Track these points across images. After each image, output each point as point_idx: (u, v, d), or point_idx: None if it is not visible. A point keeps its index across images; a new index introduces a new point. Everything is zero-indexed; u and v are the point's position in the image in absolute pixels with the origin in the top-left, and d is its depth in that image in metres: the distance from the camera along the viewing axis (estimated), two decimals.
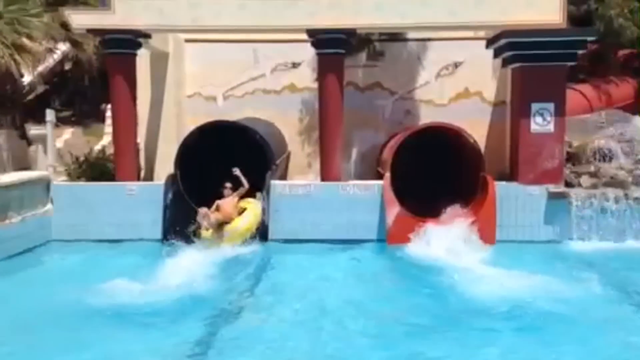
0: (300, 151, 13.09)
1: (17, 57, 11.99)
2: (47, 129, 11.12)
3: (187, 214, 9.86)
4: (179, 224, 9.81)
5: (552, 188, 9.95)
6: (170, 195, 10.14)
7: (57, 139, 12.32)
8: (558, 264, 8.25)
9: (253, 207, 9.90)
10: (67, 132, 14.54)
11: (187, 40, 12.74)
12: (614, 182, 9.94)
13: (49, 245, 9.96)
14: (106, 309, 6.50)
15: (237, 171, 9.57)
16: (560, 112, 10.17)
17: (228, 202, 9.44)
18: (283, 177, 12.18)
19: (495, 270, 7.91)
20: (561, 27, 9.98)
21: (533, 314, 6.28)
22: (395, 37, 12.72)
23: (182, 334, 5.96)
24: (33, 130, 13.74)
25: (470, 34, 12.12)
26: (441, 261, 8.45)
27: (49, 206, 10.26)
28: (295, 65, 12.98)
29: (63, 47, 15.57)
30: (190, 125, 11.30)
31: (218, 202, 9.46)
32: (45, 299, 6.86)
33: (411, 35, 12.65)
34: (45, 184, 10.27)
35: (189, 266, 8.10)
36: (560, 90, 10.25)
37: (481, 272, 7.86)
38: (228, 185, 9.51)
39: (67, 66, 17.59)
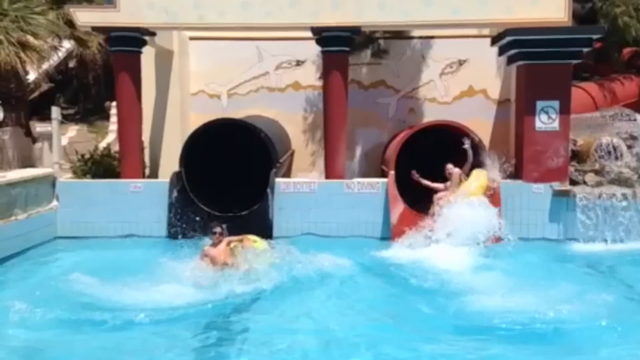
0: (304, 149, 13.11)
1: (22, 54, 12.02)
2: (52, 127, 11.14)
3: (192, 211, 9.90)
4: (184, 222, 9.87)
5: (557, 186, 9.93)
6: (175, 193, 10.16)
7: (62, 136, 12.34)
8: (563, 263, 8.18)
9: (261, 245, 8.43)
10: (72, 130, 14.61)
11: (192, 38, 12.77)
12: (619, 180, 9.91)
13: (55, 242, 9.97)
14: (109, 307, 6.44)
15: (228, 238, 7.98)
16: (565, 110, 10.14)
17: (220, 251, 7.84)
18: (287, 175, 12.20)
19: (498, 269, 7.86)
20: (566, 25, 9.97)
21: (540, 319, 6.00)
22: (399, 35, 12.72)
23: (185, 333, 5.91)
24: (38, 127, 13.80)
25: (474, 32, 12.10)
26: (442, 259, 8.38)
27: (54, 203, 10.30)
28: (299, 63, 13.00)
29: (67, 44, 15.62)
30: (195, 123, 11.33)
31: (207, 250, 7.82)
32: (49, 296, 6.81)
33: (415, 33, 12.65)
34: (50, 181, 10.30)
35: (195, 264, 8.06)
36: (565, 88, 10.22)
37: (484, 271, 7.82)
38: (218, 230, 7.82)
39: (72, 64, 17.67)
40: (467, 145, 9.58)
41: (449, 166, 9.75)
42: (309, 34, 10.58)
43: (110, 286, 7.01)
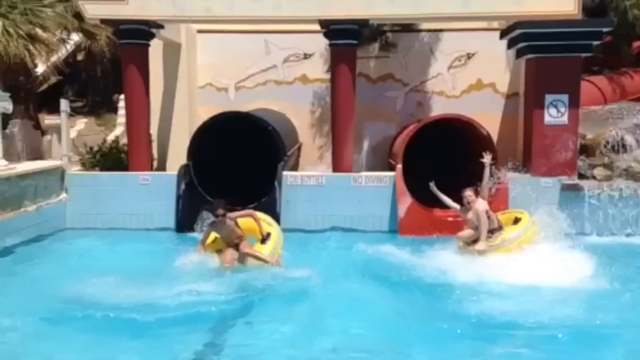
0: (311, 143, 13.12)
1: (30, 47, 12.06)
2: (61, 119, 11.18)
3: (199, 204, 9.93)
4: (192, 214, 9.90)
5: (566, 180, 9.91)
6: (183, 186, 10.20)
7: (70, 129, 12.39)
8: (573, 258, 8.02)
9: (275, 233, 8.09)
10: (81, 123, 14.66)
11: (200, 31, 12.78)
12: (628, 174, 9.89)
13: (63, 234, 10.03)
14: (113, 303, 6.29)
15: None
16: (574, 104, 10.10)
17: (231, 230, 7.70)
18: (294, 168, 12.21)
19: (507, 265, 7.75)
20: (576, 18, 9.90)
21: (554, 320, 5.83)
22: (407, 28, 12.69)
23: (189, 333, 5.77)
24: (47, 120, 13.86)
25: (483, 24, 12.06)
26: (450, 254, 8.17)
27: (63, 195, 10.37)
28: (307, 56, 12.99)
29: (76, 37, 15.65)
30: (202, 116, 11.36)
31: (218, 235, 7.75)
32: (54, 288, 6.76)
33: (424, 26, 12.61)
34: (59, 174, 10.38)
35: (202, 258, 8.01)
36: (574, 81, 10.17)
37: (492, 267, 7.71)
38: (220, 212, 7.51)
39: (80, 57, 17.70)
40: (487, 159, 8.26)
41: (468, 194, 8.10)
42: (317, 27, 10.56)
43: (116, 282, 6.87)
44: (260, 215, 8.09)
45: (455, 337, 5.65)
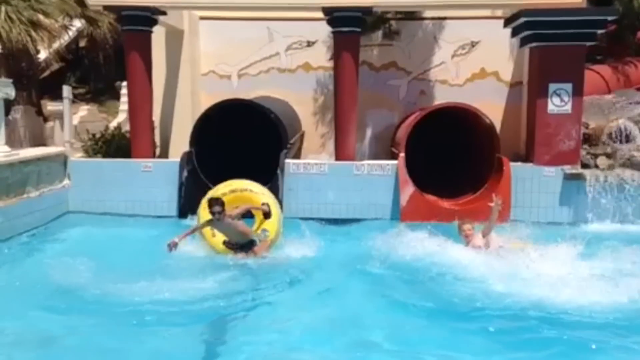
0: (314, 131, 13.08)
1: (33, 33, 12.07)
2: (63, 106, 11.18)
3: (202, 191, 9.93)
4: (194, 201, 9.90)
5: (568, 169, 9.89)
6: (185, 173, 10.21)
7: (73, 115, 12.39)
8: (579, 249, 7.97)
9: (272, 204, 8.32)
10: (83, 109, 14.66)
11: (202, 18, 12.72)
12: (630, 164, 9.87)
13: (66, 221, 10.04)
14: (112, 290, 6.29)
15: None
16: (578, 93, 10.05)
17: (232, 229, 7.74)
18: (297, 156, 12.20)
19: (510, 255, 7.70)
20: (580, 7, 9.84)
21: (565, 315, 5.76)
22: (411, 15, 12.61)
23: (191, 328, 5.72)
24: (49, 106, 13.85)
25: (487, 13, 11.99)
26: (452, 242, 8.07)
27: (66, 181, 10.39)
28: (310, 43, 12.92)
29: (78, 23, 15.62)
30: (205, 104, 11.35)
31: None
32: (54, 275, 6.74)
33: (427, 14, 12.53)
34: (62, 160, 10.39)
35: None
36: (578, 70, 10.12)
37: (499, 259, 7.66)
38: (217, 209, 7.48)
39: (82, 43, 17.68)
40: (496, 204, 7.75)
41: (466, 227, 7.90)
42: (320, 14, 10.51)
43: (116, 271, 6.81)
44: (253, 187, 8.30)
45: (459, 325, 5.69)
